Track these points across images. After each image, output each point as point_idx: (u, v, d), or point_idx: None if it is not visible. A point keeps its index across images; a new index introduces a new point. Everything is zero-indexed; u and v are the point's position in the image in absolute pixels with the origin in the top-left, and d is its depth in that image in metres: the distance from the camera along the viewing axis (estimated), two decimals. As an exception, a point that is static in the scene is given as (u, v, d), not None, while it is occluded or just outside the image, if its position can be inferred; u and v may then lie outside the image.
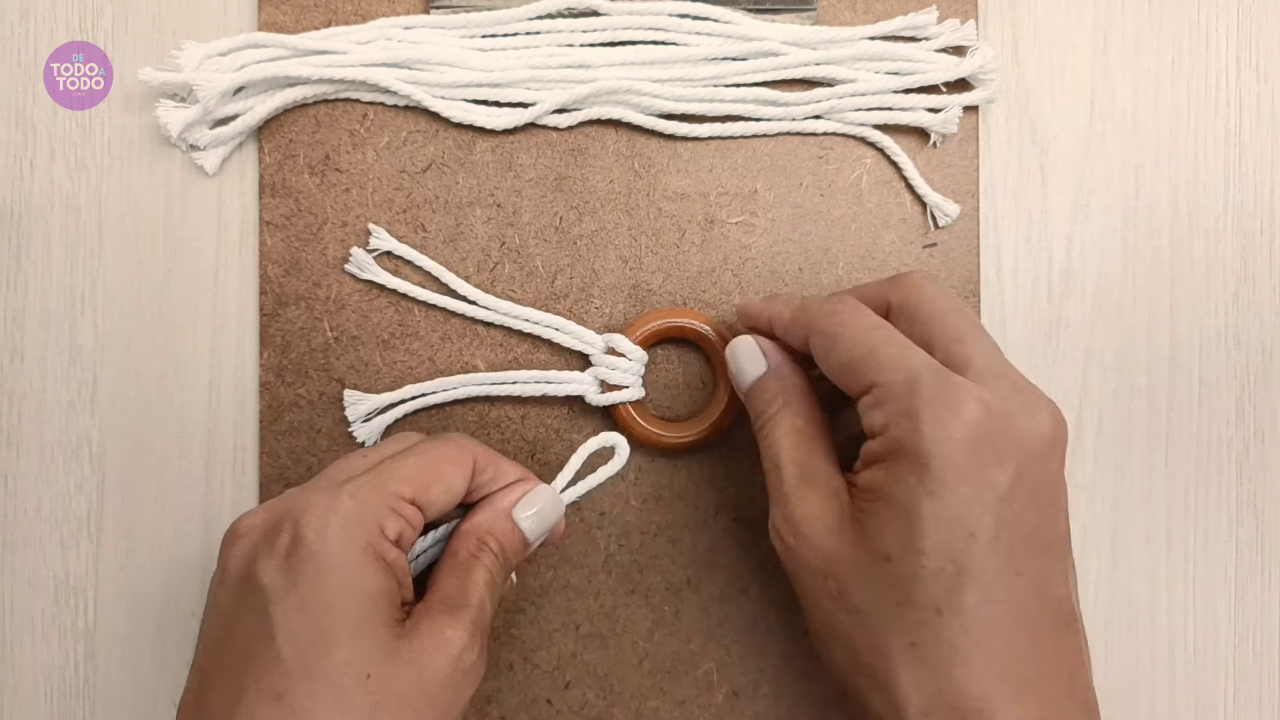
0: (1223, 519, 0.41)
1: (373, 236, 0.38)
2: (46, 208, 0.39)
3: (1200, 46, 0.41)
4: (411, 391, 0.38)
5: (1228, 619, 0.41)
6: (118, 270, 0.39)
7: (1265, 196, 0.41)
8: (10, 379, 0.38)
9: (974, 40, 0.39)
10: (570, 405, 0.39)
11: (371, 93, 0.38)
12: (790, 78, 0.39)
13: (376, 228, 0.38)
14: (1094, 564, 0.40)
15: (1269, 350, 0.41)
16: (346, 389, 0.38)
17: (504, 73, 0.38)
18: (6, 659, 0.38)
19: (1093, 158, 0.41)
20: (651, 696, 0.39)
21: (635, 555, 0.39)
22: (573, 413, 0.39)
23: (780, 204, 0.40)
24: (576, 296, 0.39)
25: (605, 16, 0.39)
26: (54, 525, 0.38)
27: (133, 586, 0.39)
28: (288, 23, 0.39)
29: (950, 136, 0.40)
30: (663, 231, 0.39)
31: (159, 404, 0.39)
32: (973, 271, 0.40)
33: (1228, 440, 0.41)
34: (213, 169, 0.39)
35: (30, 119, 0.39)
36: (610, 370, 0.37)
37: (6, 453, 0.38)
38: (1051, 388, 0.40)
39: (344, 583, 0.27)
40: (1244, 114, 0.41)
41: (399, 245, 0.38)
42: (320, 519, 0.28)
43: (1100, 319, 0.41)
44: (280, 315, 0.39)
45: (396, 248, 0.38)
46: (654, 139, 0.39)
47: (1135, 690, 0.40)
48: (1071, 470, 0.40)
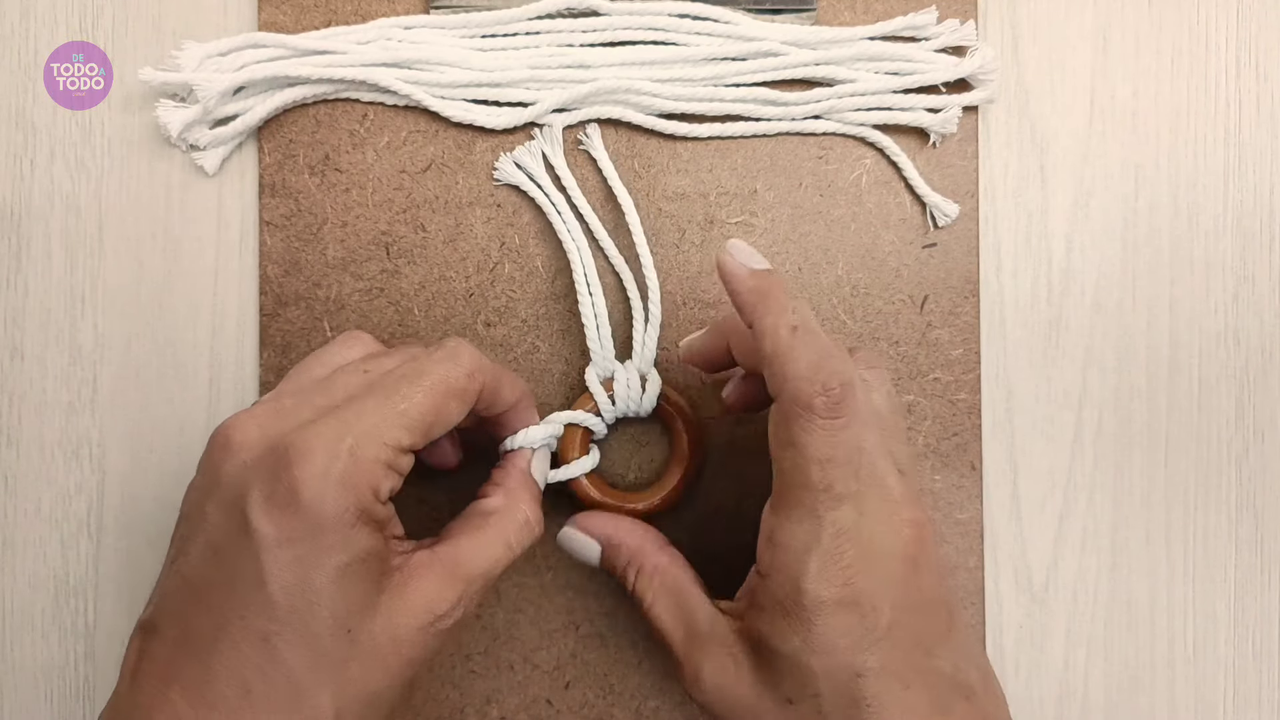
0: (1223, 519, 0.41)
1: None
2: (46, 208, 0.39)
3: (1200, 46, 0.41)
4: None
5: (1228, 619, 0.41)
6: (118, 270, 0.39)
7: (1265, 196, 0.41)
8: (10, 379, 0.38)
9: (974, 40, 0.39)
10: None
11: (371, 93, 0.38)
12: (790, 78, 0.39)
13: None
14: (1094, 564, 0.40)
15: (1269, 350, 0.41)
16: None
17: (504, 72, 0.38)
18: (6, 659, 0.38)
19: (1093, 158, 0.41)
20: (651, 696, 0.39)
21: (635, 555, 0.39)
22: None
23: (780, 204, 0.40)
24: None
25: (605, 16, 0.39)
26: (54, 525, 0.38)
27: (133, 586, 0.39)
28: (288, 23, 0.39)
29: (950, 136, 0.40)
30: (663, 231, 0.39)
31: (159, 404, 0.39)
32: (972, 271, 0.40)
33: (1227, 440, 0.41)
34: (213, 169, 0.39)
35: (30, 119, 0.39)
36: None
37: (6, 453, 0.38)
38: (1051, 388, 0.40)
39: (336, 546, 0.27)
40: (1244, 114, 0.41)
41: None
42: (319, 480, 0.27)
43: (1100, 319, 0.41)
44: (280, 315, 0.39)
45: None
46: (654, 139, 0.39)
47: (1135, 690, 0.40)
48: (1071, 470, 0.40)
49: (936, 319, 0.40)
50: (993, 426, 0.40)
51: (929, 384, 0.40)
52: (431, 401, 0.30)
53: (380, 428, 0.29)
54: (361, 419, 0.29)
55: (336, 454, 0.28)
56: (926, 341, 0.40)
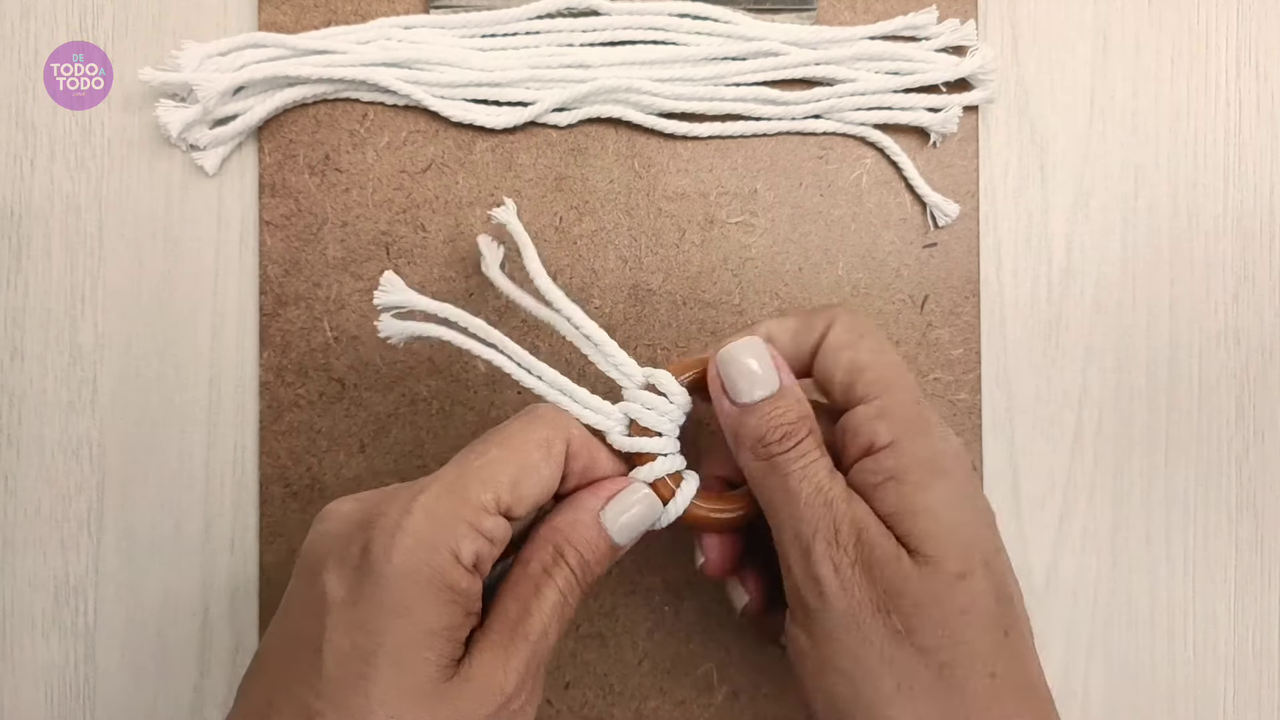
0: (1223, 519, 0.41)
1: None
2: (46, 208, 0.39)
3: (1200, 46, 0.41)
4: (450, 313, 0.32)
5: (1228, 619, 0.41)
6: (118, 270, 0.39)
7: (1265, 196, 0.41)
8: (10, 379, 0.38)
9: (974, 40, 0.39)
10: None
11: (371, 92, 0.38)
12: (790, 77, 0.39)
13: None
14: (1094, 564, 0.40)
15: (1269, 350, 0.41)
16: (388, 272, 0.33)
17: (504, 72, 0.38)
18: (6, 659, 0.38)
19: (1093, 158, 0.41)
20: (651, 696, 0.39)
21: (635, 555, 0.39)
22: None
23: (780, 204, 0.40)
24: (576, 296, 0.39)
25: (605, 16, 0.39)
26: (54, 525, 0.38)
27: (133, 586, 0.39)
28: (288, 23, 0.39)
29: (950, 136, 0.40)
30: (663, 231, 0.39)
31: (159, 404, 0.39)
32: (973, 271, 0.40)
33: (1227, 440, 0.41)
34: (213, 169, 0.39)
35: (30, 119, 0.39)
36: (645, 410, 0.31)
37: (6, 453, 0.38)
38: (1051, 388, 0.40)
39: (401, 612, 0.25)
40: (1244, 114, 0.41)
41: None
42: (389, 536, 0.25)
43: (1100, 319, 0.41)
44: (280, 315, 0.39)
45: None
46: (654, 139, 0.39)
47: (1135, 690, 0.40)
48: (1071, 470, 0.40)
49: (937, 319, 0.40)
50: (993, 426, 0.40)
51: (929, 384, 0.40)
52: (509, 454, 0.27)
53: (457, 484, 0.27)
54: (439, 480, 0.27)
55: (409, 509, 0.26)
56: (927, 341, 0.40)
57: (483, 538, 0.26)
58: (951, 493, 0.28)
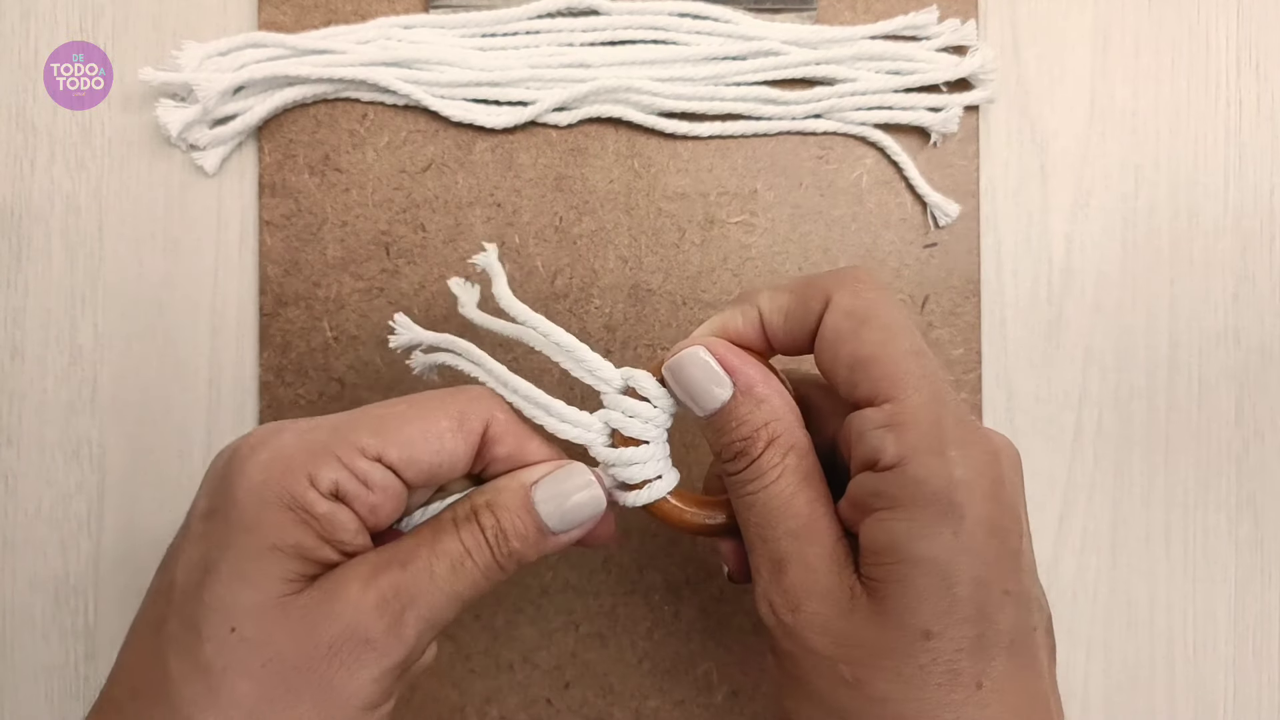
0: (1223, 519, 0.41)
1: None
2: (46, 208, 0.39)
3: (1200, 46, 0.41)
4: (446, 341, 0.31)
5: (1228, 619, 0.41)
6: (118, 270, 0.39)
7: (1265, 196, 0.41)
8: (10, 379, 0.38)
9: (974, 40, 0.39)
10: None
11: (371, 92, 0.38)
12: (790, 77, 0.39)
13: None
14: (1094, 564, 0.40)
15: (1269, 350, 0.41)
16: (399, 314, 0.33)
17: (504, 72, 0.38)
18: (6, 659, 0.38)
19: (1092, 158, 0.41)
20: (651, 696, 0.39)
21: (635, 555, 0.39)
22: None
23: (780, 204, 0.40)
24: (576, 296, 0.39)
25: (605, 16, 0.39)
26: (54, 525, 0.38)
27: (133, 586, 0.38)
28: (288, 23, 0.39)
29: (950, 136, 0.40)
30: (663, 231, 0.39)
31: (159, 404, 0.39)
32: (973, 271, 0.40)
33: (1227, 440, 0.41)
34: (213, 169, 0.39)
35: (30, 119, 0.39)
36: (627, 419, 0.29)
37: (6, 453, 0.38)
38: (1051, 388, 0.40)
39: (247, 526, 0.24)
40: (1244, 114, 0.41)
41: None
42: (250, 452, 0.25)
43: (1100, 319, 0.41)
44: (280, 315, 0.39)
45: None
46: (654, 139, 0.39)
47: (1135, 690, 0.40)
48: (1071, 470, 0.40)
49: (937, 319, 0.40)
50: (993, 426, 0.40)
51: (929, 384, 0.40)
52: (415, 413, 0.26)
53: (344, 423, 0.26)
54: (334, 416, 0.26)
55: (283, 432, 0.26)
56: (927, 341, 0.40)
57: (350, 473, 0.25)
58: (954, 545, 0.24)
